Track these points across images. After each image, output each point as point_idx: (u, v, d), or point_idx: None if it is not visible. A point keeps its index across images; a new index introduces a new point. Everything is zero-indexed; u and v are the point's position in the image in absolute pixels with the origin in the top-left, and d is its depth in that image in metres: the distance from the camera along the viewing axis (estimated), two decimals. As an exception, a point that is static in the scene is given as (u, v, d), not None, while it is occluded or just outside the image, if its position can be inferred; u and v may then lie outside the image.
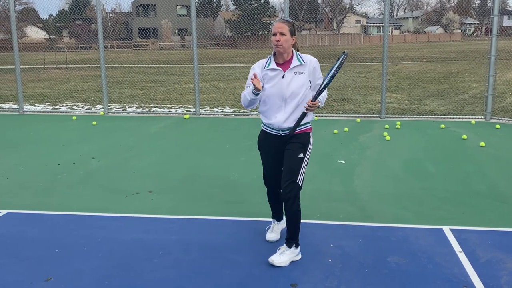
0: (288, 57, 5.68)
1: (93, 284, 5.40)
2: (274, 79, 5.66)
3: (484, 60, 30.37)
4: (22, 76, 17.40)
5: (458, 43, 70.52)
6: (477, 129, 13.31)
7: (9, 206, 7.78)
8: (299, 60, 5.67)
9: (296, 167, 5.69)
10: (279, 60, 5.70)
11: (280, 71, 5.64)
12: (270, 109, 5.73)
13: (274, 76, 5.66)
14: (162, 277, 5.54)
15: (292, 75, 5.64)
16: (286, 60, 5.68)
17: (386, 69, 14.86)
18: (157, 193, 8.33)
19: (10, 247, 6.32)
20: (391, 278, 5.48)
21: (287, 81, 5.63)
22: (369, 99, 19.34)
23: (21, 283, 5.41)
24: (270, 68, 5.67)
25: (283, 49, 5.58)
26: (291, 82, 5.63)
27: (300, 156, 5.72)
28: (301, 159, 5.72)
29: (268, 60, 5.75)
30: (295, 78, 5.64)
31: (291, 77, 5.64)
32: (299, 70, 5.65)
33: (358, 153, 10.86)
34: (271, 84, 5.66)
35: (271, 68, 5.67)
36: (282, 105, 5.67)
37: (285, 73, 5.64)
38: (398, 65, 34.74)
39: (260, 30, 65.51)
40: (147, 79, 27.69)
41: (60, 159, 10.46)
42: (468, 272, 5.58)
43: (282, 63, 5.68)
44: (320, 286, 5.31)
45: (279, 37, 5.51)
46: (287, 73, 5.64)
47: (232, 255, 6.06)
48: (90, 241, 6.47)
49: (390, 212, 7.45)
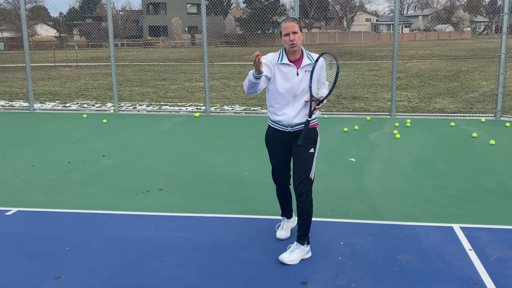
0: (299, 54, 5.72)
1: (103, 282, 5.40)
2: (287, 75, 5.67)
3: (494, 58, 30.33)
4: (33, 74, 17.44)
5: (468, 41, 70.31)
6: (487, 127, 13.27)
7: (19, 204, 7.79)
8: (309, 59, 5.73)
9: (308, 163, 5.73)
10: (291, 57, 5.71)
11: (294, 67, 5.66)
12: (279, 105, 5.74)
13: (287, 72, 5.68)
14: (172, 276, 5.53)
15: (303, 73, 5.69)
16: (298, 57, 5.72)
17: (396, 67, 14.83)
18: (167, 191, 8.34)
19: (21, 245, 6.32)
20: (401, 276, 5.46)
21: (300, 78, 5.67)
22: (379, 97, 19.29)
23: (31, 281, 5.42)
24: (284, 63, 5.67)
25: (297, 47, 5.62)
26: (302, 79, 5.67)
27: (311, 151, 5.76)
28: (312, 154, 5.76)
29: (280, 55, 5.73)
30: (305, 75, 5.69)
31: (303, 74, 5.68)
32: (310, 68, 5.68)
33: (368, 151, 10.84)
34: (284, 79, 5.67)
35: (285, 63, 5.67)
36: (291, 101, 5.70)
37: (298, 70, 5.67)
38: (408, 63, 34.66)
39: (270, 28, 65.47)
40: (158, 77, 27.71)
41: (70, 157, 10.48)
42: (478, 270, 5.56)
43: (294, 60, 5.71)
44: (330, 284, 5.30)
45: (292, 36, 5.53)
46: (299, 70, 5.67)
47: (242, 253, 6.06)
48: (101, 239, 6.47)
49: (400, 210, 7.43)
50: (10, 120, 15.39)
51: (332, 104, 17.41)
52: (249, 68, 30.35)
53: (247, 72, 6.04)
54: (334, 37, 73.17)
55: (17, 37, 57.35)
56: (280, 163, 6.05)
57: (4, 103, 19.05)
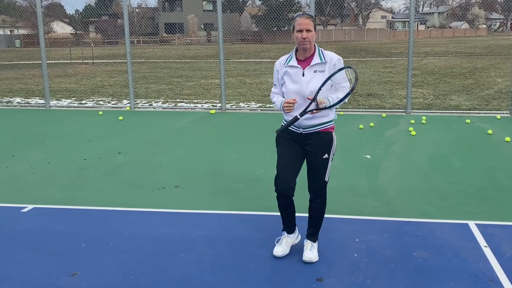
0: (310, 52, 5.52)
1: (119, 279, 5.42)
2: (294, 76, 5.53)
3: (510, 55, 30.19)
4: (49, 71, 17.51)
5: (484, 38, 69.97)
6: (503, 124, 13.21)
7: (36, 200, 7.83)
8: (321, 58, 5.49)
9: (323, 168, 5.60)
10: (301, 57, 5.56)
11: (299, 68, 5.51)
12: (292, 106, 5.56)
13: (294, 74, 5.52)
14: (187, 272, 5.55)
15: (312, 73, 5.48)
16: (308, 56, 5.53)
17: (412, 64, 14.77)
18: (183, 188, 8.36)
19: (37, 242, 6.36)
20: (416, 272, 5.45)
21: (307, 79, 5.47)
22: (395, 94, 19.28)
23: (48, 277, 5.45)
24: (290, 65, 5.53)
25: (310, 45, 5.46)
26: (311, 80, 5.46)
27: (325, 157, 5.58)
28: (326, 159, 5.60)
29: (289, 56, 5.62)
30: (315, 76, 5.46)
31: (311, 75, 5.47)
32: (320, 68, 5.47)
33: (384, 148, 10.82)
34: (292, 81, 5.53)
35: (291, 65, 5.54)
36: (302, 103, 5.47)
37: (304, 71, 5.49)
38: (423, 60, 34.57)
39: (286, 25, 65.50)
40: (174, 74, 27.77)
41: (86, 154, 10.53)
42: (494, 267, 5.54)
43: (303, 59, 5.53)
44: (345, 281, 5.30)
45: (306, 34, 5.34)
46: (306, 71, 5.48)
47: (258, 249, 6.06)
48: (117, 235, 6.50)
49: (416, 207, 7.42)
50: (26, 117, 15.46)
51: (348, 101, 17.34)
52: (265, 65, 30.42)
53: (263, 69, 6.02)
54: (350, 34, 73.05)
55: (33, 34, 57.71)
56: (288, 163, 5.64)
57: (20, 100, 19.19)
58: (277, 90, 5.73)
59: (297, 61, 5.53)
